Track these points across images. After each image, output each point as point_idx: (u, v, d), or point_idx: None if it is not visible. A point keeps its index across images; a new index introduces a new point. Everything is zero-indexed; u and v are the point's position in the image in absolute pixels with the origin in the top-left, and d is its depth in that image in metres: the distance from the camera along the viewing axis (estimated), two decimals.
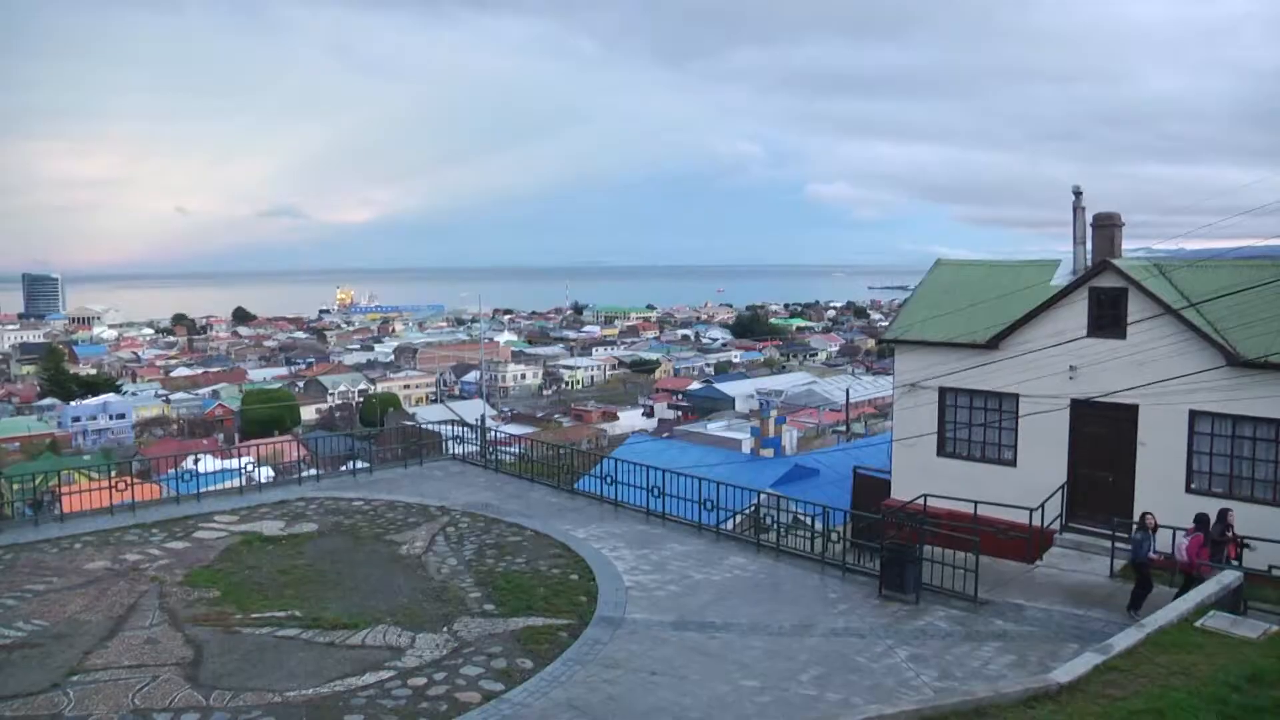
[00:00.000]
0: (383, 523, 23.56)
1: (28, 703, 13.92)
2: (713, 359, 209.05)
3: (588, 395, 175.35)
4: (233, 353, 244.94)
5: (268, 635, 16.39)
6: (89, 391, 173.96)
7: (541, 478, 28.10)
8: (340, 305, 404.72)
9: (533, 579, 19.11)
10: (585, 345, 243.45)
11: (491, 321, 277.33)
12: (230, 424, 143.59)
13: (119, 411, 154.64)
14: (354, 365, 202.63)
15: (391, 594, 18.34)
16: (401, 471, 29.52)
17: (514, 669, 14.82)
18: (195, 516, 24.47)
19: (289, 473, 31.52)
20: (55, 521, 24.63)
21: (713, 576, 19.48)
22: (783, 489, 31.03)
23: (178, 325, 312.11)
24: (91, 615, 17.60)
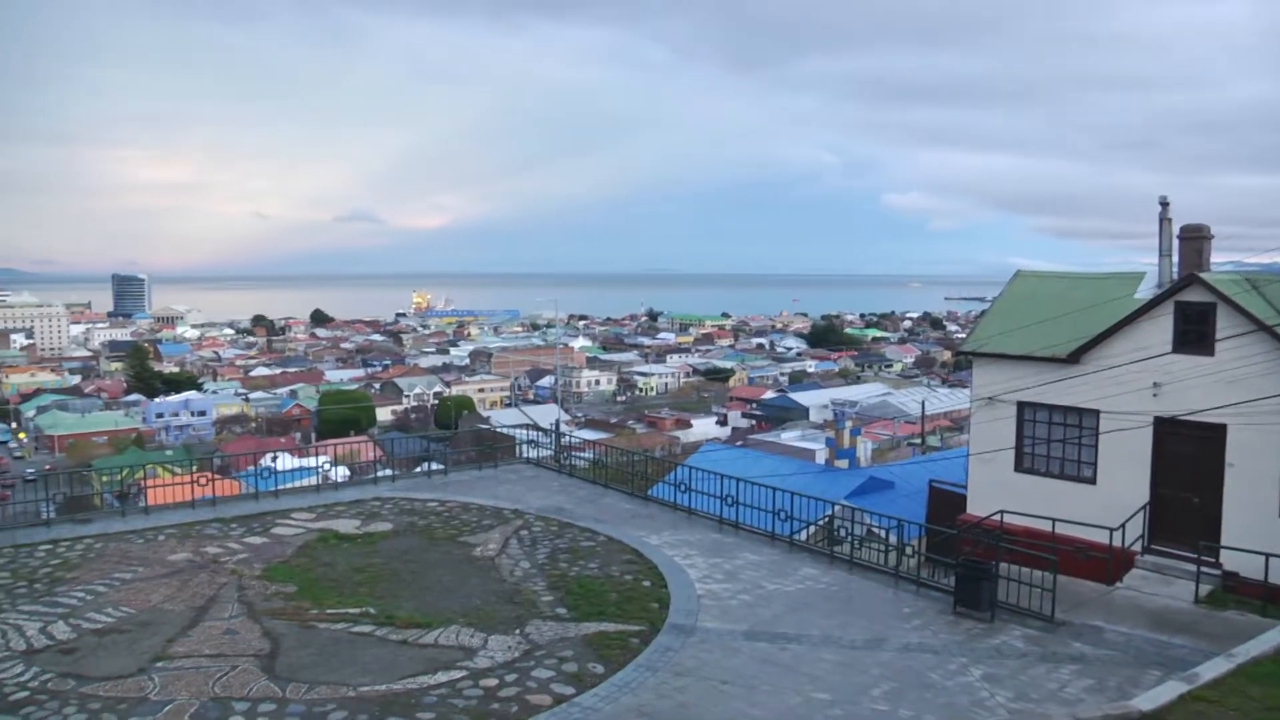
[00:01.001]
0: (457, 524, 23.77)
1: (118, 684, 14.47)
2: (787, 368, 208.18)
3: (661, 402, 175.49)
4: (310, 354, 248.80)
5: (342, 631, 16.64)
6: (172, 389, 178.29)
7: (615, 483, 28.15)
8: (416, 309, 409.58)
9: (605, 584, 19.15)
10: (659, 352, 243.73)
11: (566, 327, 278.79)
12: (307, 423, 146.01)
13: (200, 409, 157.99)
14: (429, 368, 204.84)
15: (464, 595, 18.50)
16: (476, 474, 29.77)
17: (585, 673, 14.86)
18: (273, 513, 24.94)
19: (364, 473, 31.96)
20: (141, 513, 25.30)
21: (785, 587, 19.37)
22: (857, 501, 30.77)
23: (257, 326, 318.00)
24: (174, 605, 18.11)
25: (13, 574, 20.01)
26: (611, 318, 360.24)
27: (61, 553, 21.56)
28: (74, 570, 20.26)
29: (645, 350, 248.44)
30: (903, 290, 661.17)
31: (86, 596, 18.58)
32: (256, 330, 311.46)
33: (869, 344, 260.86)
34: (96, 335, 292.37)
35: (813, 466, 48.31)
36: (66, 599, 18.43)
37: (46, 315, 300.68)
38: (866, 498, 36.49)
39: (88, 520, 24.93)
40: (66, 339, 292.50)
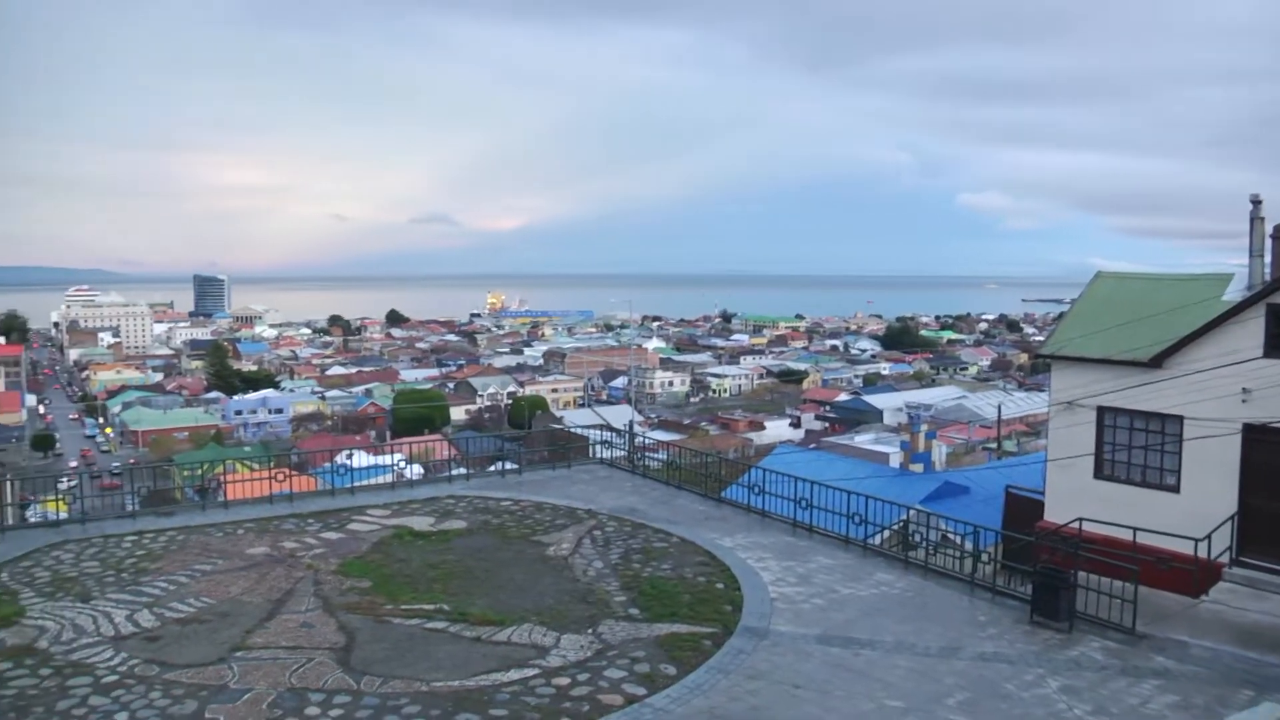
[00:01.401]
0: (530, 523, 23.90)
1: (199, 672, 14.88)
2: (861, 370, 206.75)
3: (734, 404, 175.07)
4: (386, 353, 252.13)
5: (416, 627, 16.83)
6: (250, 387, 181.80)
7: (688, 485, 28.08)
8: (491, 309, 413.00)
9: (678, 585, 19.11)
10: (733, 353, 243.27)
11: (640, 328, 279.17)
12: (382, 422, 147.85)
13: (277, 406, 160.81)
14: (503, 368, 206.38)
15: (538, 594, 18.59)
16: (549, 474, 29.90)
17: (657, 674, 14.86)
18: (349, 509, 25.27)
19: (438, 471, 32.23)
20: (220, 507, 25.86)
21: (859, 592, 19.17)
22: (931, 505, 30.42)
23: (334, 326, 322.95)
24: (252, 597, 18.49)
25: (101, 563, 20.67)
26: (685, 319, 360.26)
27: (146, 544, 22.17)
28: (158, 561, 20.81)
29: (719, 352, 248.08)
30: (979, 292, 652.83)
31: (169, 586, 19.08)
32: (333, 330, 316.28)
33: (944, 346, 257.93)
34: (178, 334, 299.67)
35: (887, 470, 47.99)
36: (151, 588, 18.97)
37: (132, 314, 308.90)
38: (941, 503, 36.14)
39: (170, 513, 25.54)
40: (150, 338, 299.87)
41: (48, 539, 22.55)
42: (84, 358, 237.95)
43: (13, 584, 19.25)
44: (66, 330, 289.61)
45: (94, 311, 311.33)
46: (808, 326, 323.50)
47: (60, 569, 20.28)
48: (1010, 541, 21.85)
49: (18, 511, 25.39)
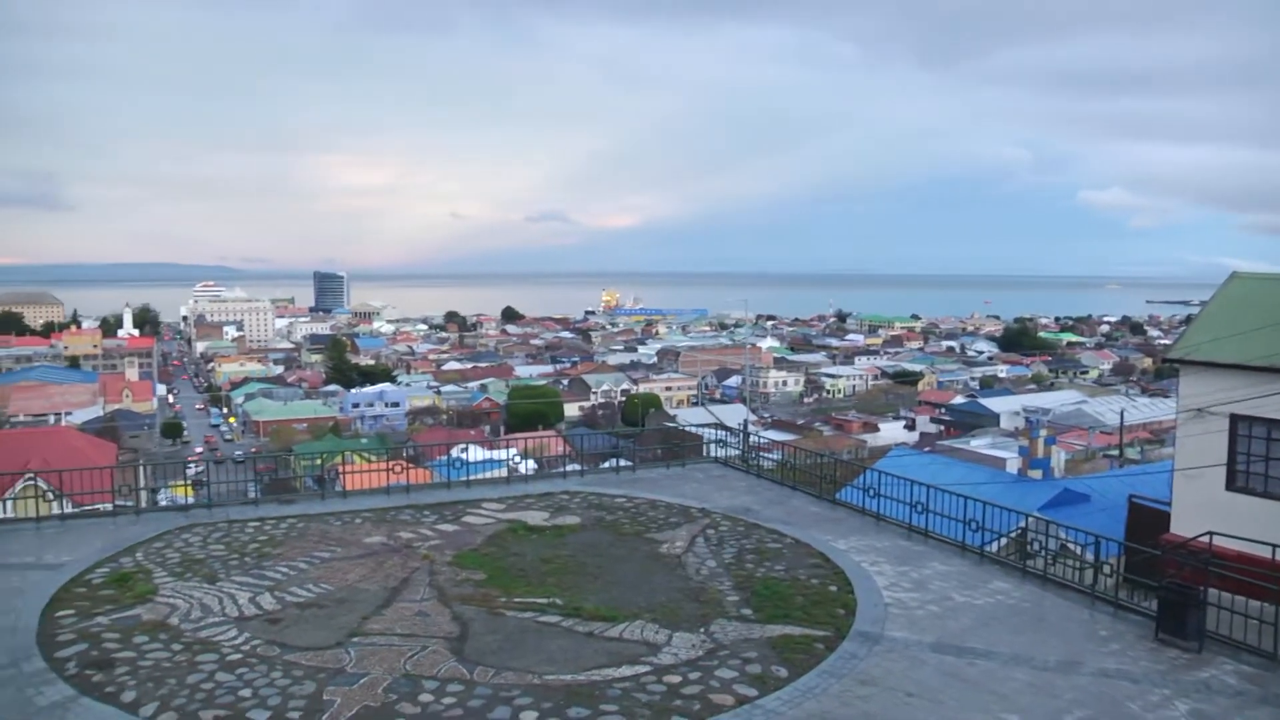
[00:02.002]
0: (644, 520, 23.94)
1: (318, 655, 15.31)
2: (978, 373, 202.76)
3: (848, 404, 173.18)
4: (501, 349, 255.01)
5: (530, 620, 17.00)
6: (367, 380, 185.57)
7: (802, 485, 27.85)
8: (605, 307, 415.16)
9: (791, 587, 18.96)
10: (847, 354, 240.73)
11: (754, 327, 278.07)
12: (496, 417, 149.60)
13: (394, 400, 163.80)
14: (617, 365, 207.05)
15: (650, 591, 18.62)
16: (663, 472, 29.93)
17: (768, 676, 14.76)
18: (464, 502, 25.63)
19: (551, 466, 32.54)
20: (339, 497, 26.51)
21: (975, 600, 18.75)
22: (1050, 513, 29.71)
23: (450, 322, 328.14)
24: (369, 585, 18.91)
25: (227, 546, 21.42)
26: (799, 318, 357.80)
27: (268, 530, 22.88)
28: (279, 547, 21.46)
29: (833, 351, 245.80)
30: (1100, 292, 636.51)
31: (290, 572, 19.67)
32: (449, 326, 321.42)
33: (1064, 349, 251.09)
34: (299, 329, 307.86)
35: (1004, 475, 46.98)
36: (272, 573, 19.58)
37: (255, 309, 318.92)
38: (1060, 510, 35.24)
39: (291, 501, 26.30)
40: (272, 332, 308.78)
41: (177, 522, 23.53)
42: (210, 350, 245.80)
43: (147, 563, 20.20)
44: (194, 324, 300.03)
45: (220, 306, 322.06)
46: (923, 327, 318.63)
47: (189, 551, 21.13)
48: (1134, 554, 21.13)
49: (149, 495, 26.35)
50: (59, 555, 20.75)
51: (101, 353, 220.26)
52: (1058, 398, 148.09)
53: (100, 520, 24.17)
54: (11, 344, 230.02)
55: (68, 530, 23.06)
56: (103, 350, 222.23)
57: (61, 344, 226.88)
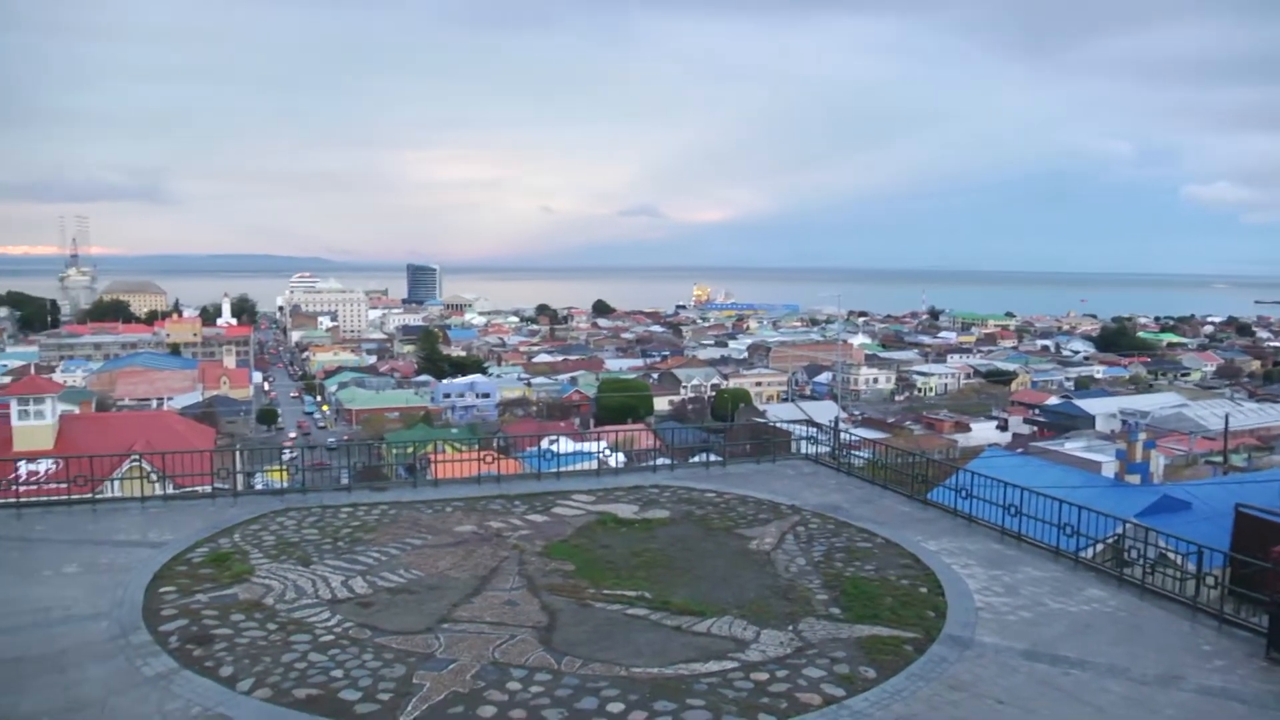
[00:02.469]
0: (734, 516, 23.86)
1: (408, 639, 15.57)
2: (1073, 373, 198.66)
3: (940, 403, 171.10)
4: (591, 342, 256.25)
5: (618, 612, 17.04)
6: (459, 371, 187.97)
7: (892, 484, 27.52)
8: (696, 301, 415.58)
9: (880, 587, 18.73)
10: (940, 351, 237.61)
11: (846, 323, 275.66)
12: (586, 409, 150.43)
13: (484, 391, 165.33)
14: (707, 360, 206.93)
15: (739, 587, 18.55)
16: (753, 467, 29.80)
17: (856, 676, 14.58)
18: (554, 493, 25.80)
19: (640, 460, 32.56)
20: (430, 485, 26.89)
21: (1069, 607, 18.23)
22: (1148, 520, 28.94)
23: (541, 315, 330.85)
24: (459, 573, 19.15)
25: (320, 531, 21.89)
26: (891, 315, 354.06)
27: (360, 516, 23.30)
28: (371, 532, 21.85)
29: (925, 349, 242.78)
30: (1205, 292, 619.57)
31: (381, 557, 20.02)
32: (540, 319, 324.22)
33: (1164, 350, 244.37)
34: (392, 320, 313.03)
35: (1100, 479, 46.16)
36: (364, 558, 19.96)
37: (349, 300, 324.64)
38: (1159, 518, 34.42)
39: (383, 488, 26.69)
40: (365, 322, 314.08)
41: (272, 506, 24.12)
42: (305, 339, 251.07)
43: (244, 544, 20.78)
44: (290, 314, 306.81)
45: (315, 297, 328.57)
46: (1018, 325, 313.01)
47: (284, 534, 21.65)
48: (1241, 565, 20.39)
49: (245, 479, 27.05)
50: (162, 534, 21.54)
51: (201, 340, 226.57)
52: (1157, 400, 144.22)
53: (199, 502, 24.90)
54: (118, 331, 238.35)
55: (170, 510, 23.91)
56: (202, 338, 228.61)
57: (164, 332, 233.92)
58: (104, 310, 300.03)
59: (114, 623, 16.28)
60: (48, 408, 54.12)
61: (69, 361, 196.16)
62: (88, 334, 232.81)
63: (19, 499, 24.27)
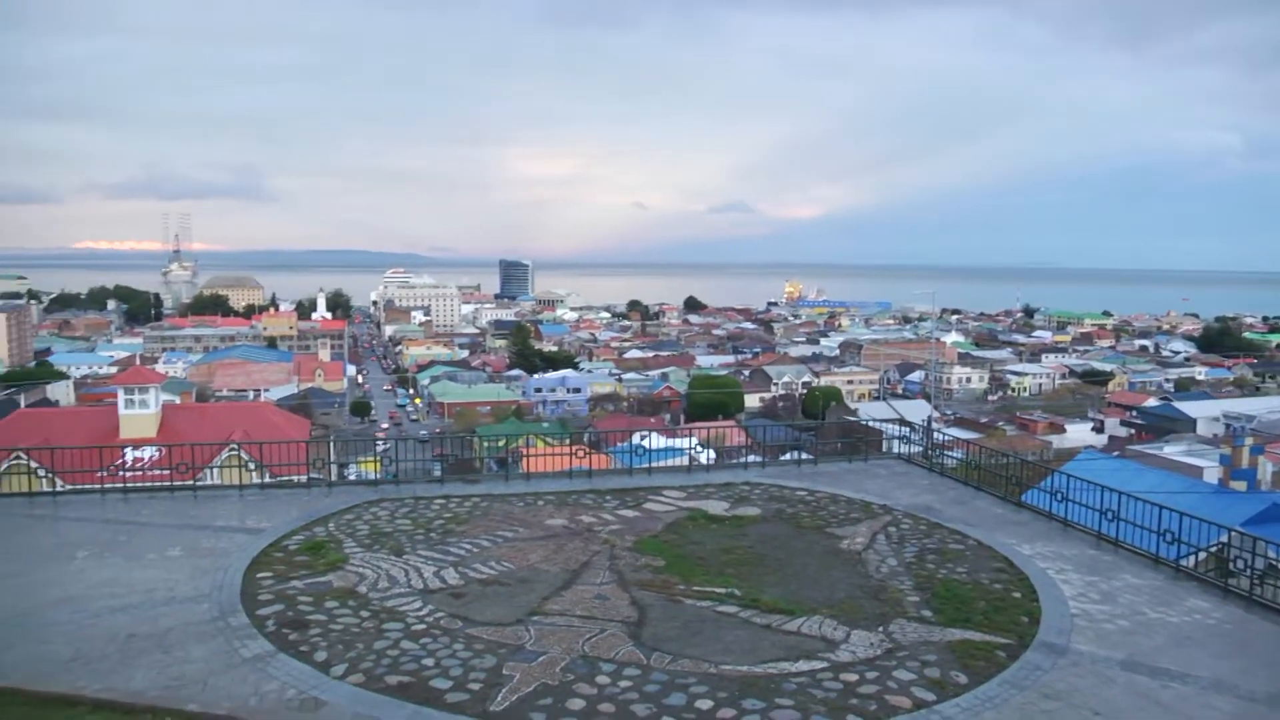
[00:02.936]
0: (825, 515, 23.68)
1: (499, 630, 15.75)
2: (1173, 374, 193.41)
3: (1033, 404, 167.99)
4: (682, 338, 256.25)
5: (707, 609, 17.01)
6: (550, 366, 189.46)
7: (985, 486, 27.02)
8: (788, 298, 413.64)
9: (973, 591, 18.40)
10: (1034, 350, 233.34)
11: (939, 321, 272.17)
12: (677, 405, 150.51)
13: (575, 386, 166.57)
14: (799, 357, 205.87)
15: (829, 586, 18.40)
16: (845, 466, 29.53)
17: (947, 681, 14.34)
18: (645, 489, 25.84)
19: (730, 456, 32.50)
20: (521, 479, 27.08)
21: (1169, 617, 17.60)
22: (1256, 529, 28.04)
23: (632, 311, 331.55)
24: (550, 566, 19.31)
25: (413, 522, 22.24)
26: (985, 313, 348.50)
27: (453, 508, 23.62)
28: (463, 524, 22.13)
29: (1019, 348, 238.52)
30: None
31: (473, 549, 20.27)
32: (631, 314, 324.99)
33: (1272, 351, 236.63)
34: (484, 314, 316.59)
35: (1202, 485, 44.93)
36: (456, 549, 20.24)
37: (442, 295, 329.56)
38: (1268, 527, 33.32)
39: (475, 481, 27.02)
40: (458, 317, 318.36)
41: (366, 496, 24.57)
42: (398, 334, 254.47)
43: (338, 533, 21.21)
44: (383, 308, 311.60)
45: (408, 292, 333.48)
46: (1115, 324, 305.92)
47: (377, 524, 22.04)
48: None
49: (339, 470, 27.60)
50: (259, 521, 22.09)
51: (297, 334, 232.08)
52: (1265, 404, 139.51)
53: (295, 491, 25.49)
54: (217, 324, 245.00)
55: (267, 498, 24.52)
56: (298, 332, 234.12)
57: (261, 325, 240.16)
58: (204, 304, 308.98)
59: (214, 605, 16.81)
60: (151, 397, 55.78)
61: (170, 353, 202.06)
62: (188, 327, 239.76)
63: (125, 484, 25.22)
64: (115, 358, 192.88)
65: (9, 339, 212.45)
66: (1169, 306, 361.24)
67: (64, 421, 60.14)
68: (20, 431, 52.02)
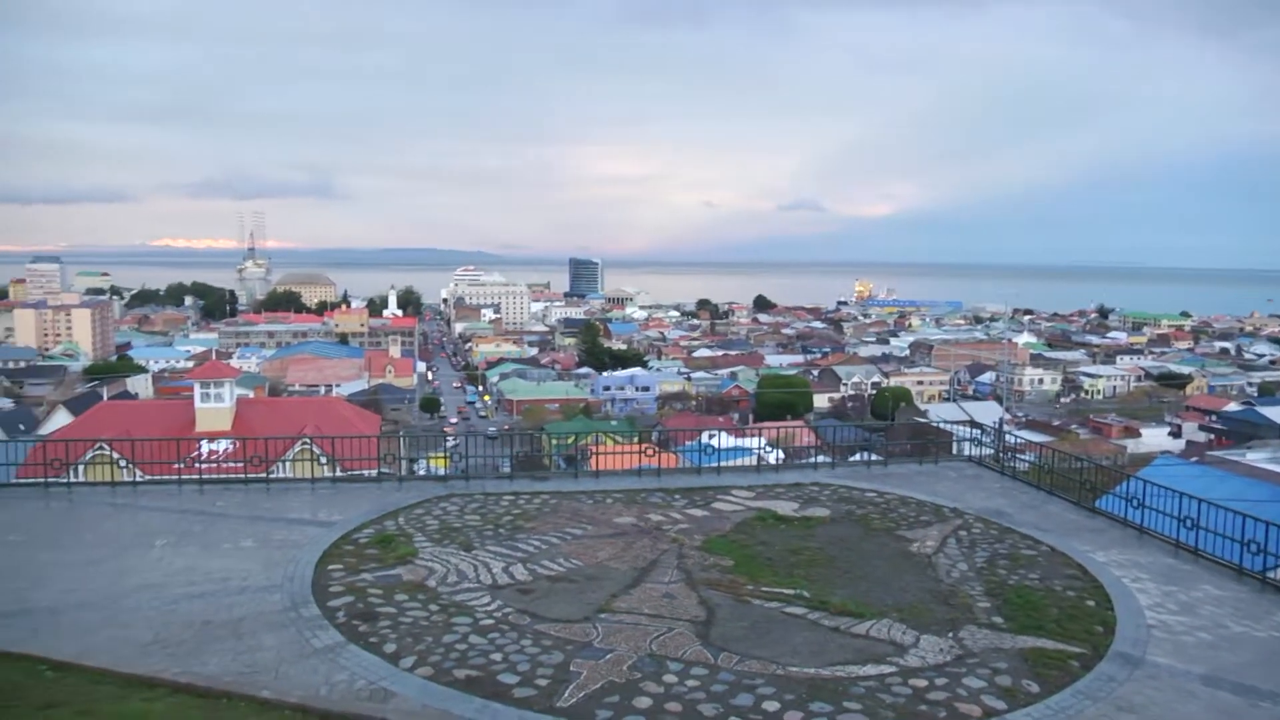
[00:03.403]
0: (894, 517, 23.41)
1: (567, 627, 15.79)
2: (1256, 377, 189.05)
3: (1108, 407, 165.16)
4: (752, 338, 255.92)
5: (775, 610, 16.89)
6: (619, 364, 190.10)
7: (1058, 490, 26.47)
8: (858, 297, 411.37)
9: (1045, 598, 18.01)
10: (1109, 352, 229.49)
11: (1011, 321, 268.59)
12: (745, 405, 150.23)
13: (644, 384, 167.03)
14: (868, 357, 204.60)
15: (899, 590, 18.18)
16: (915, 468, 29.19)
17: (1018, 690, 14.02)
18: (714, 488, 25.75)
19: (798, 456, 32.29)
20: (590, 476, 27.11)
21: (1255, 632, 16.89)
22: None
23: (701, 309, 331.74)
24: (618, 564, 19.32)
25: (482, 517, 22.40)
26: (1058, 313, 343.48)
27: (521, 504, 23.73)
28: (532, 521, 22.22)
29: (1093, 349, 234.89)
30: None
31: (541, 545, 20.34)
32: (700, 313, 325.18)
33: None
34: (553, 312, 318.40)
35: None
36: (525, 545, 20.33)
37: (511, 293, 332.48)
38: None
39: (544, 478, 27.15)
40: (527, 315, 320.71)
41: (436, 491, 24.80)
42: (468, 331, 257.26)
43: (408, 528, 21.42)
44: (453, 306, 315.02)
45: (478, 289, 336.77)
46: (1194, 326, 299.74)
47: (447, 519, 22.22)
48: None
49: (408, 465, 27.90)
50: (330, 514, 22.42)
51: (368, 331, 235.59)
52: None
53: (366, 485, 25.79)
54: (290, 321, 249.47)
55: (338, 492, 24.85)
56: (369, 328, 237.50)
57: (333, 322, 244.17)
58: (277, 300, 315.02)
59: (286, 595, 17.11)
60: (226, 391, 56.79)
61: (244, 348, 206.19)
62: (262, 323, 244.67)
63: (201, 476, 25.71)
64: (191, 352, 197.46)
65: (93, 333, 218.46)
66: (1252, 307, 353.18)
67: (143, 414, 61.69)
68: (103, 423, 53.38)
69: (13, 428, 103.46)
